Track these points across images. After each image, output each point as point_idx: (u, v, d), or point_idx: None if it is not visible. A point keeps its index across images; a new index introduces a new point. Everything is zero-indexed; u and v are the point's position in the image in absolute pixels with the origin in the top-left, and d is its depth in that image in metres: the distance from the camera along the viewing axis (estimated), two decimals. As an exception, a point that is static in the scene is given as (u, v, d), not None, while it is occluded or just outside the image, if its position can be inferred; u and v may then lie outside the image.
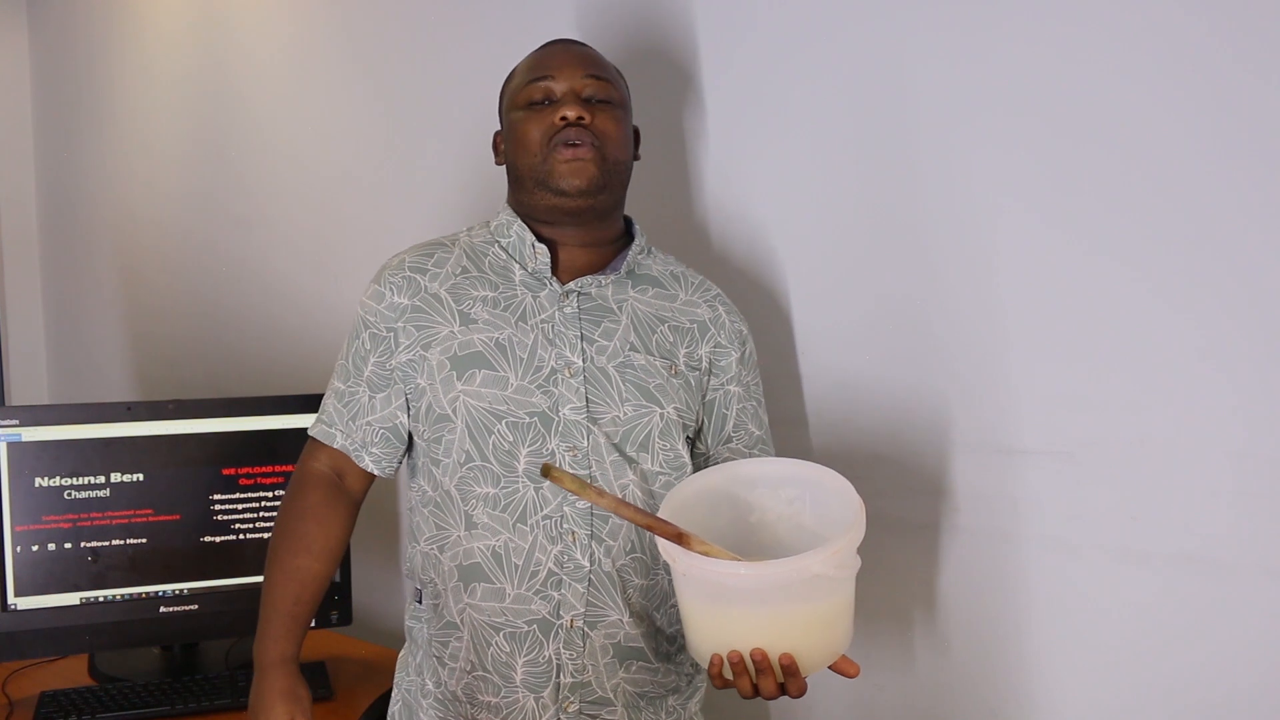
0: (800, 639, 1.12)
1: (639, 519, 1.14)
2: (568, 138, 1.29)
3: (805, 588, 1.09)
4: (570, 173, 1.29)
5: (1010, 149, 1.35)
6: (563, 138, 1.29)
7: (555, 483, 1.14)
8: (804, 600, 1.11)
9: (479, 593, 1.30)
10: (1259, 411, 1.20)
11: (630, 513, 1.14)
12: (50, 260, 3.46)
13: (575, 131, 1.29)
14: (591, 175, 1.30)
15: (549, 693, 1.30)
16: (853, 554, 1.12)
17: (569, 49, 1.36)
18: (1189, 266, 1.23)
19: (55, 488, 1.73)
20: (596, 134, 1.30)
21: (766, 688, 1.13)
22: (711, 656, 1.14)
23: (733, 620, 1.12)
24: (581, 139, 1.29)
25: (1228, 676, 1.24)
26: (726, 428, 1.41)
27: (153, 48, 2.82)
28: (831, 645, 1.15)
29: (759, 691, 1.14)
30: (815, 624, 1.13)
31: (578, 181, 1.29)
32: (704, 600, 1.14)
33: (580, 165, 1.29)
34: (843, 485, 1.19)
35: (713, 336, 1.38)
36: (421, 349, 1.32)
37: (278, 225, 2.46)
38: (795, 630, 1.11)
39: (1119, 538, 1.30)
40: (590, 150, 1.30)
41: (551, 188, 1.31)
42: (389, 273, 1.36)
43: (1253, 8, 1.17)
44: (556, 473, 1.13)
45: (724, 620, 1.13)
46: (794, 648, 1.11)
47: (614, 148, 1.32)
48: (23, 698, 1.73)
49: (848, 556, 1.11)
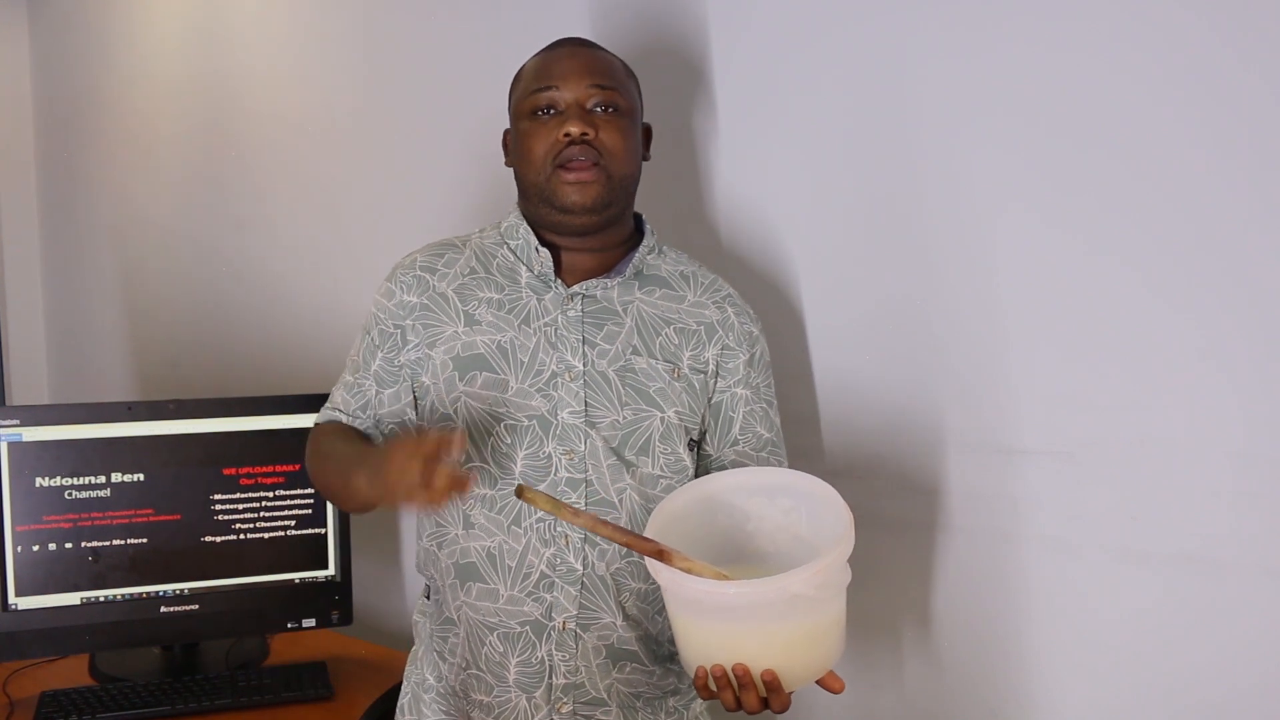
0: (783, 656, 1.11)
1: (617, 537, 1.14)
2: (571, 156, 1.28)
3: (787, 607, 1.08)
4: (574, 193, 1.28)
5: (1012, 150, 1.35)
6: (566, 156, 1.28)
7: (530, 503, 1.12)
8: (786, 619, 1.10)
9: (474, 592, 1.30)
10: (1259, 411, 1.20)
11: (609, 531, 1.13)
12: (51, 260, 3.47)
13: (579, 149, 1.27)
14: (595, 195, 1.29)
15: (541, 693, 1.30)
16: (839, 571, 1.11)
17: (575, 54, 1.33)
18: (1189, 266, 1.23)
19: (56, 487, 1.73)
20: (601, 150, 1.28)
21: (749, 702, 1.12)
22: (696, 669, 1.15)
23: (716, 635, 1.12)
24: (586, 156, 1.27)
25: (1228, 676, 1.24)
26: (733, 430, 1.39)
27: (153, 48, 2.82)
28: (816, 661, 1.15)
29: (742, 705, 1.13)
30: (798, 641, 1.12)
31: (581, 200, 1.28)
32: (688, 614, 1.14)
33: (583, 187, 1.28)
34: (833, 498, 1.18)
35: (720, 338, 1.37)
36: (427, 348, 1.33)
37: (278, 226, 2.46)
38: (777, 647, 1.11)
39: (1119, 538, 1.30)
40: (593, 171, 1.28)
41: (555, 205, 1.30)
42: (400, 271, 1.37)
43: (1253, 8, 1.17)
44: (530, 493, 1.11)
45: (707, 635, 1.13)
46: (776, 664, 1.11)
47: (619, 163, 1.30)
48: (23, 698, 1.73)
49: (832, 575, 1.10)
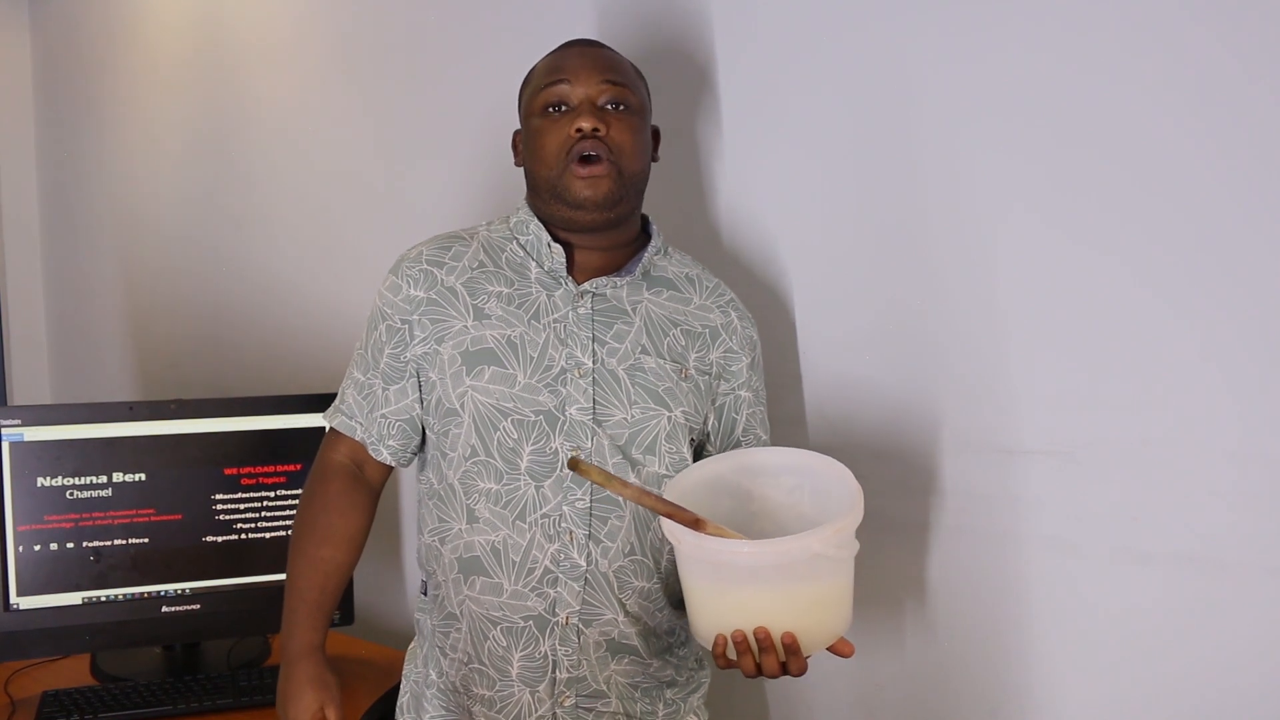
0: (802, 618, 1.15)
1: (659, 507, 1.18)
2: (583, 150, 1.28)
3: (807, 568, 1.13)
4: (585, 188, 1.29)
5: (1013, 152, 1.35)
6: (578, 151, 1.28)
7: (583, 475, 1.18)
8: (805, 580, 1.15)
9: (478, 586, 1.31)
10: (1259, 412, 1.20)
11: (652, 501, 1.18)
12: (52, 260, 3.47)
13: (591, 144, 1.28)
14: (607, 191, 1.29)
15: (544, 687, 1.31)
16: (852, 536, 1.16)
17: (586, 52, 1.34)
18: (1189, 267, 1.23)
19: (57, 487, 1.74)
20: (612, 146, 1.29)
21: (769, 666, 1.16)
22: (716, 637, 1.18)
23: (737, 600, 1.16)
24: (597, 152, 1.28)
25: (1228, 676, 1.24)
26: (736, 432, 1.41)
27: (154, 46, 2.82)
28: (831, 625, 1.19)
29: (762, 670, 1.17)
30: (816, 604, 1.17)
31: (593, 195, 1.29)
32: (709, 581, 1.18)
33: (595, 182, 1.29)
34: (841, 472, 1.23)
35: (724, 341, 1.38)
36: (435, 342, 1.32)
37: (279, 225, 2.46)
38: (797, 610, 1.15)
39: (1119, 538, 1.30)
40: (606, 166, 1.29)
41: (567, 201, 1.30)
42: (406, 264, 1.36)
43: (1253, 11, 1.17)
44: (584, 465, 1.18)
45: (729, 600, 1.17)
46: (796, 627, 1.15)
47: (630, 159, 1.31)
48: (25, 697, 1.74)
49: (847, 537, 1.15)
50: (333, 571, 1.36)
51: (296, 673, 1.31)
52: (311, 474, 1.40)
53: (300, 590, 1.34)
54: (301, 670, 1.31)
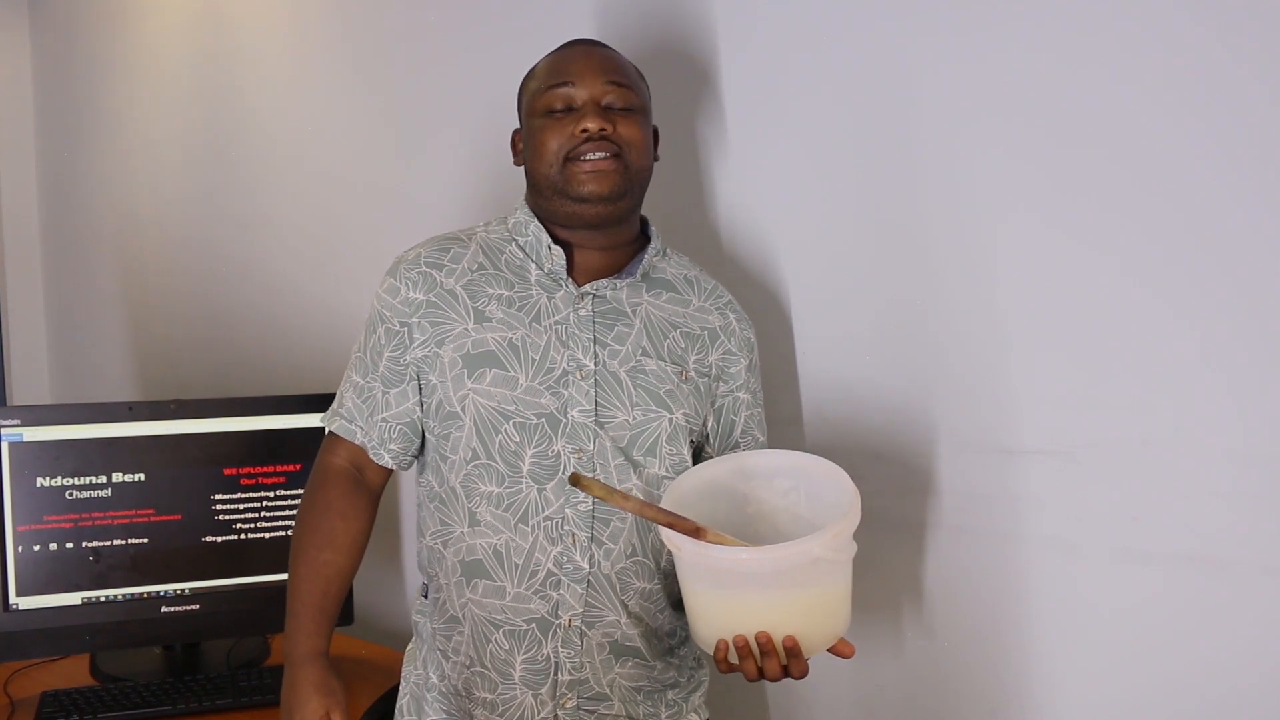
0: (802, 621, 1.16)
1: (660, 518, 1.18)
2: (587, 150, 1.28)
3: (807, 572, 1.14)
4: (591, 180, 1.29)
5: (1013, 153, 1.35)
6: (583, 150, 1.28)
7: (585, 490, 1.18)
8: (806, 584, 1.15)
9: (480, 589, 1.31)
10: (1259, 411, 1.20)
11: (653, 513, 1.18)
12: (52, 260, 3.47)
13: (595, 145, 1.28)
14: (613, 183, 1.29)
15: (547, 690, 1.31)
16: (849, 538, 1.17)
17: (590, 53, 1.34)
18: (1189, 267, 1.23)
19: (57, 487, 1.74)
20: (619, 143, 1.29)
21: (771, 669, 1.17)
22: (717, 642, 1.18)
23: (738, 606, 1.17)
24: (604, 148, 1.28)
25: (1228, 676, 1.24)
26: (734, 434, 1.42)
27: (154, 47, 2.82)
28: (832, 627, 1.20)
29: (764, 674, 1.17)
30: (817, 607, 1.18)
31: (598, 189, 1.29)
32: (710, 587, 1.18)
33: (602, 174, 1.29)
34: (836, 473, 1.23)
35: (723, 344, 1.39)
36: (435, 345, 1.32)
37: (279, 226, 2.46)
38: (797, 613, 1.16)
39: (1119, 538, 1.30)
40: (613, 160, 1.29)
41: (571, 195, 1.30)
42: (404, 266, 1.35)
43: (1253, 11, 1.17)
44: (586, 480, 1.18)
45: (730, 606, 1.17)
46: (797, 630, 1.16)
47: (637, 155, 1.31)
48: (24, 698, 1.73)
49: (846, 540, 1.16)
50: (335, 576, 1.35)
51: (301, 678, 1.31)
52: (311, 478, 1.40)
53: (303, 595, 1.34)
54: (306, 675, 1.31)
